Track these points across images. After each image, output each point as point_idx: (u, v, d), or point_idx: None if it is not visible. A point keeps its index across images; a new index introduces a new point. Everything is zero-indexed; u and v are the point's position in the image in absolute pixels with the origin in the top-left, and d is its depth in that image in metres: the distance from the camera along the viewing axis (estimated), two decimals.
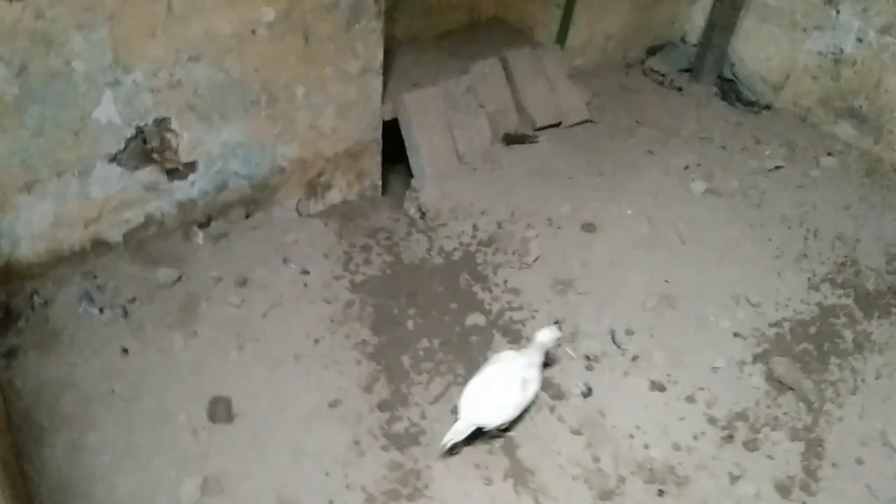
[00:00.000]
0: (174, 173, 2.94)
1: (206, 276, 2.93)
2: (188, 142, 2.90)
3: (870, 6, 3.94)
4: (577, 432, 2.57)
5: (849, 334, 3.03)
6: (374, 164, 3.57)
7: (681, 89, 4.55)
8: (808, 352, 2.93)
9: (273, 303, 2.88)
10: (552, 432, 2.56)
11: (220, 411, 2.47)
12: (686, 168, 3.87)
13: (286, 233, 3.21)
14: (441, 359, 2.77)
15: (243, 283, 2.93)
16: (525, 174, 3.63)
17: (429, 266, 3.17)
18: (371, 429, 2.51)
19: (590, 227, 3.37)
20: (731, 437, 2.60)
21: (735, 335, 2.96)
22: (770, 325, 3.02)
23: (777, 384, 2.79)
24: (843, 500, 2.45)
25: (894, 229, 3.59)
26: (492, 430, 2.44)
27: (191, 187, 3.02)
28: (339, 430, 2.49)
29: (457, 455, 2.45)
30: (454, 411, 2.49)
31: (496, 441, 2.50)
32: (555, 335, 2.59)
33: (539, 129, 3.93)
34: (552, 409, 2.63)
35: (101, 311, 2.71)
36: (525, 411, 2.54)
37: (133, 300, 2.78)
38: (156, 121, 2.77)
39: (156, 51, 2.62)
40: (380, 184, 3.63)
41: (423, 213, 3.42)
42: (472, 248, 3.26)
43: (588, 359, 2.81)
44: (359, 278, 3.07)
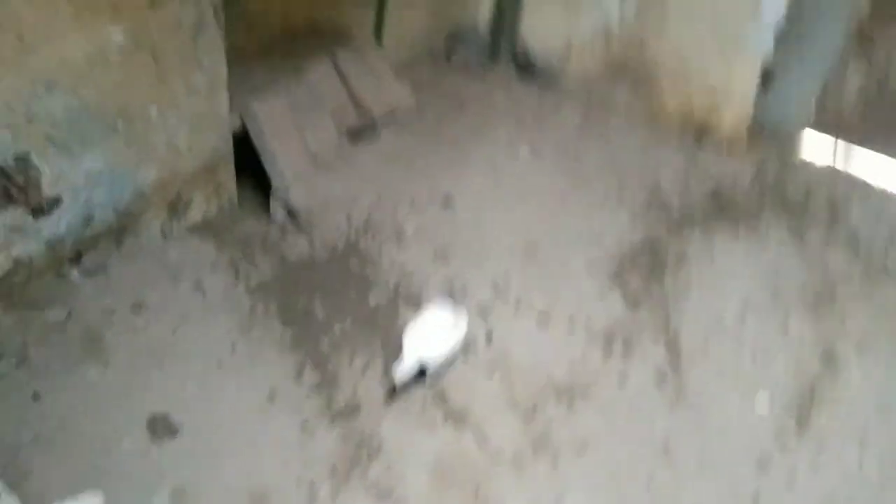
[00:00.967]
0: (39, 211, 2.81)
1: (97, 308, 2.85)
2: (51, 176, 2.78)
3: None
4: (491, 372, 2.92)
5: (671, 252, 3.68)
6: (229, 176, 3.62)
7: (484, 72, 5.06)
8: (646, 269, 3.53)
9: (178, 321, 2.88)
10: (472, 377, 2.89)
11: (161, 428, 2.46)
12: (509, 138, 4.37)
13: (165, 254, 3.18)
14: (356, 338, 2.97)
15: (140, 308, 2.89)
16: (378, 162, 3.89)
17: (317, 260, 3.33)
18: (313, 411, 2.66)
19: (449, 199, 3.74)
20: (610, 348, 3.11)
21: (590, 265, 3.49)
22: (613, 255, 3.59)
23: (632, 298, 3.36)
24: (703, 379, 3.01)
25: (678, 165, 4.37)
26: (431, 371, 2.73)
27: (58, 223, 2.89)
28: (284, 420, 2.61)
29: (399, 415, 2.69)
30: (383, 378, 2.75)
31: (429, 396, 2.77)
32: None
33: (376, 120, 4.20)
34: (465, 360, 2.95)
35: None
36: (456, 356, 2.86)
37: (25, 345, 2.64)
38: (15, 158, 2.64)
39: (10, 83, 2.51)
40: (236, 195, 3.69)
41: (292, 215, 3.55)
42: (351, 237, 3.46)
43: (481, 310, 3.17)
44: (253, 283, 3.15)
